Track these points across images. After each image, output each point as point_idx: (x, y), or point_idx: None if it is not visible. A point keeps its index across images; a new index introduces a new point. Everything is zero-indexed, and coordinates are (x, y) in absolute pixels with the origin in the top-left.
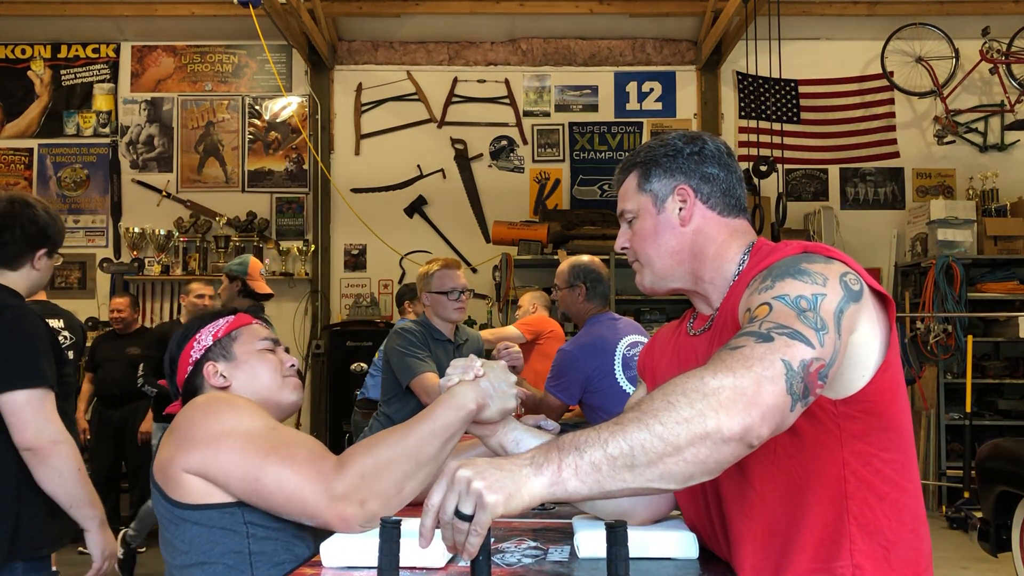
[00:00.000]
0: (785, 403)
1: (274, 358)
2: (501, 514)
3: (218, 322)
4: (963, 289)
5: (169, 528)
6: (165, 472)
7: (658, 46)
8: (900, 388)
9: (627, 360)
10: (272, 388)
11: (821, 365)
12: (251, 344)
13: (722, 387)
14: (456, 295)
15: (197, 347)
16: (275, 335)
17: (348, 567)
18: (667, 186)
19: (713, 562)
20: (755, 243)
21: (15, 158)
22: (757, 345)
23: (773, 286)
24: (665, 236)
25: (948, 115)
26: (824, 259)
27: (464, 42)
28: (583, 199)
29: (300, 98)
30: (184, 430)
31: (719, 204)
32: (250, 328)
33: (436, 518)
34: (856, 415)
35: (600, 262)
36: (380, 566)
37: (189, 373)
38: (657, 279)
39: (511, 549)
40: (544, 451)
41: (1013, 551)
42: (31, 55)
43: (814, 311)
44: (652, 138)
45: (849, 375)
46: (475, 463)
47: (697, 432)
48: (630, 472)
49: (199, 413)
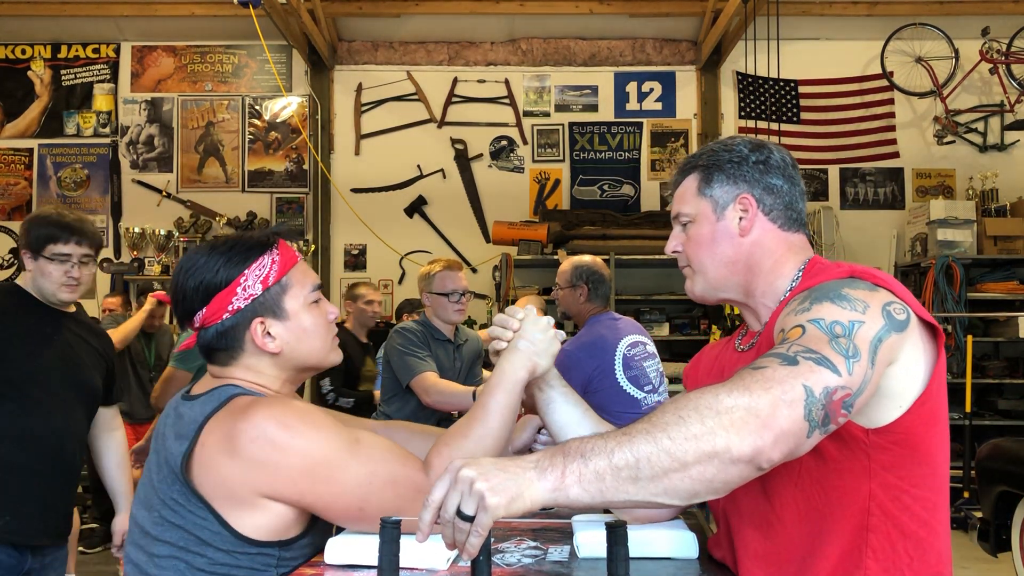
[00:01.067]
0: (801, 429)
1: (323, 312)
2: (503, 516)
3: (263, 260)
4: (963, 289)
5: (176, 529)
6: (228, 490)
7: (658, 46)
8: (939, 423)
9: (627, 360)
10: (322, 352)
11: (847, 394)
12: (302, 295)
13: (736, 406)
14: (457, 297)
15: (242, 293)
16: (313, 272)
17: (350, 565)
18: (729, 193)
19: (713, 562)
20: (810, 260)
21: (15, 158)
22: (780, 367)
23: (810, 308)
24: (722, 245)
25: (948, 115)
26: (869, 286)
27: (464, 42)
28: (583, 199)
29: (300, 98)
30: (258, 450)
31: (780, 217)
32: (300, 270)
33: (436, 514)
34: (888, 446)
35: (602, 262)
36: (380, 566)
37: (225, 323)
38: (709, 288)
39: (511, 549)
40: (550, 455)
41: (1013, 551)
42: (31, 55)
43: (848, 338)
44: (715, 141)
45: (885, 405)
46: (480, 463)
47: (705, 450)
48: (634, 484)
49: (276, 431)
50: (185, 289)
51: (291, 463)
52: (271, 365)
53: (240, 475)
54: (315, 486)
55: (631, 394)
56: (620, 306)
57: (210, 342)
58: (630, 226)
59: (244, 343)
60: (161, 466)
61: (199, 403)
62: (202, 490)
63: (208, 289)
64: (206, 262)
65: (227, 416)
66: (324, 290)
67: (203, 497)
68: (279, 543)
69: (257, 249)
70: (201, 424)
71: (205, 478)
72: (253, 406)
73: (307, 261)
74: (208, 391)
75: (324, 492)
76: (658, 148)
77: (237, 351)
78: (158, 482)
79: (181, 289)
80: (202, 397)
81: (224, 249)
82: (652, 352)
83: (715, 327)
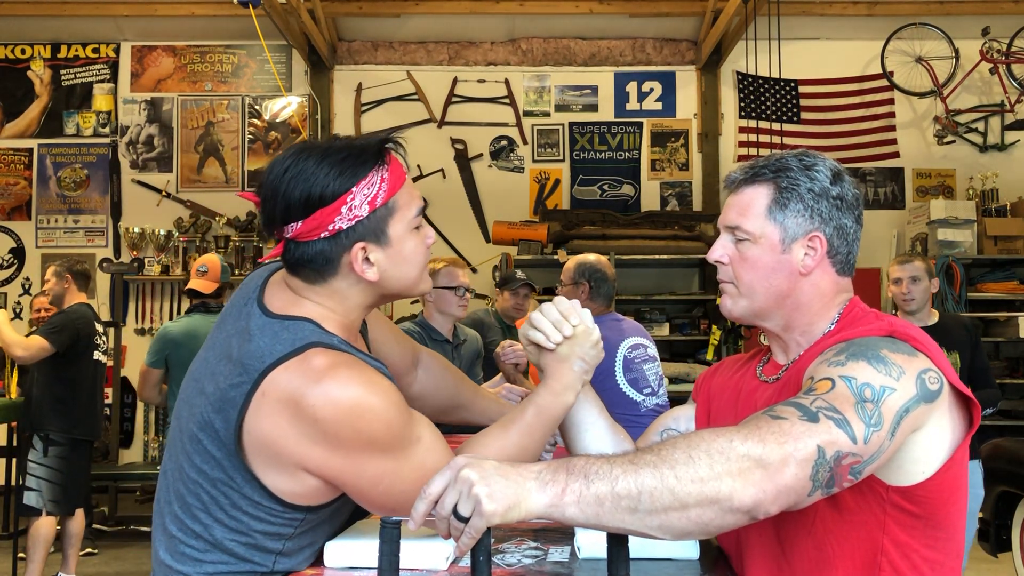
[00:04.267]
0: (804, 488)
1: (423, 238)
2: (497, 524)
3: (372, 177)
4: (963, 289)
5: (209, 489)
6: (272, 452)
7: (658, 46)
8: (961, 488)
9: (628, 362)
10: (417, 281)
11: (856, 461)
12: (407, 217)
13: (748, 455)
14: (462, 292)
15: (347, 213)
16: (417, 191)
17: (350, 567)
18: (802, 227)
19: (713, 562)
20: (849, 303)
21: (15, 158)
22: (799, 423)
23: (845, 364)
24: (779, 277)
25: (948, 115)
26: (909, 350)
27: (464, 42)
28: (583, 199)
29: (300, 98)
30: (322, 429)
31: (841, 262)
32: (407, 190)
33: (431, 507)
34: (906, 506)
35: (607, 262)
36: (380, 567)
37: (322, 242)
38: (750, 314)
39: (511, 549)
40: (553, 469)
41: (1013, 551)
42: (31, 55)
43: (875, 404)
44: (792, 155)
45: (908, 468)
46: (483, 465)
47: (708, 495)
48: (631, 515)
49: (347, 415)
50: (288, 196)
51: (349, 451)
52: (361, 292)
53: (293, 445)
54: (360, 480)
55: (630, 396)
56: (620, 306)
57: (300, 258)
58: (630, 226)
59: (339, 266)
60: (217, 373)
61: (270, 332)
62: (246, 437)
63: (311, 201)
64: (316, 169)
65: (299, 372)
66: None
67: (243, 445)
68: (307, 508)
69: (370, 162)
70: (267, 368)
71: (253, 426)
72: (330, 374)
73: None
74: (283, 317)
75: (366, 487)
76: (658, 148)
77: (329, 273)
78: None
79: (283, 196)
80: (275, 325)
81: (337, 158)
82: (653, 355)
83: (715, 327)
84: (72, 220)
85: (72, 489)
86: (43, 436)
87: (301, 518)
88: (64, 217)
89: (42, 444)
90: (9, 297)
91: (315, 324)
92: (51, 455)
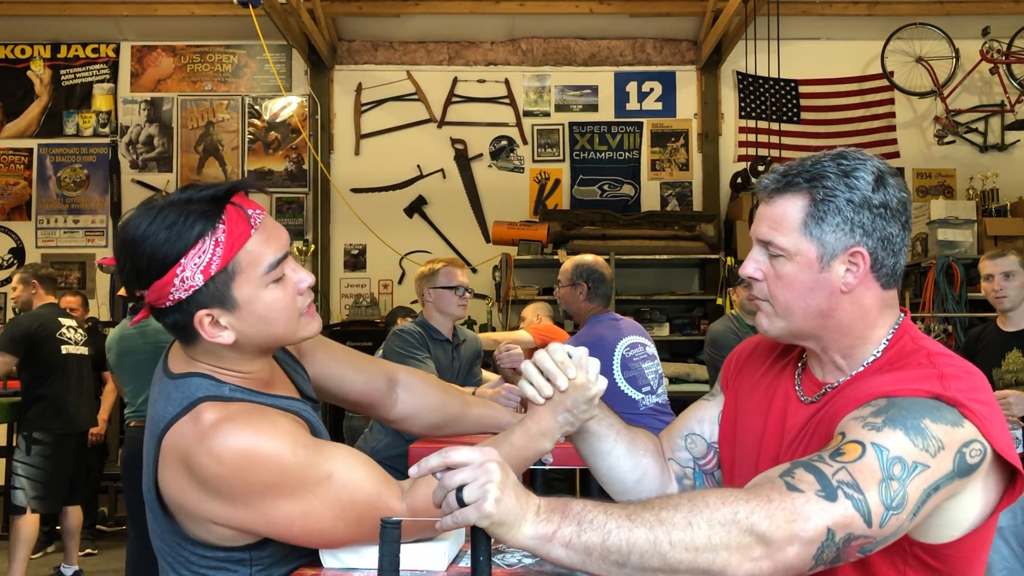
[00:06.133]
0: (805, 565)
1: (287, 288)
2: (484, 528)
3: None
4: (963, 289)
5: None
6: (185, 509)
7: (658, 46)
8: (984, 548)
9: (626, 361)
10: (287, 333)
11: (867, 542)
12: (254, 277)
13: (752, 529)
14: (462, 291)
15: (180, 284)
16: (280, 235)
17: (348, 568)
18: (841, 243)
19: None
20: (899, 328)
21: (15, 158)
22: (814, 499)
23: (881, 430)
24: (818, 296)
25: (948, 115)
26: (955, 417)
27: (464, 42)
28: (583, 199)
29: (300, 98)
30: (215, 486)
31: (887, 275)
32: (256, 243)
33: (443, 468)
34: (929, 561)
35: (604, 262)
36: (380, 567)
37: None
38: (788, 334)
39: (511, 549)
40: (551, 508)
41: None
42: (31, 55)
43: (901, 483)
44: (829, 158)
45: (935, 531)
46: (508, 472)
47: (701, 566)
48: (619, 569)
49: (234, 468)
50: (130, 264)
51: (248, 502)
52: (231, 351)
53: (195, 502)
54: (271, 526)
55: (629, 395)
56: (620, 306)
57: (161, 322)
58: (630, 226)
59: (195, 331)
60: (147, 435)
61: (165, 394)
62: (165, 499)
63: (147, 272)
64: (144, 238)
65: (187, 431)
66: (324, 290)
67: (165, 505)
68: (246, 546)
69: (198, 226)
70: (163, 430)
71: (163, 487)
72: (214, 430)
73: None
74: (177, 376)
75: (281, 531)
76: (658, 148)
77: (190, 337)
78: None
79: (126, 264)
80: (169, 387)
81: (164, 224)
82: (652, 354)
83: None
84: (72, 220)
85: (56, 485)
86: (26, 435)
87: (248, 556)
88: (64, 217)
89: (25, 443)
90: (9, 297)
91: (205, 377)
92: (34, 453)
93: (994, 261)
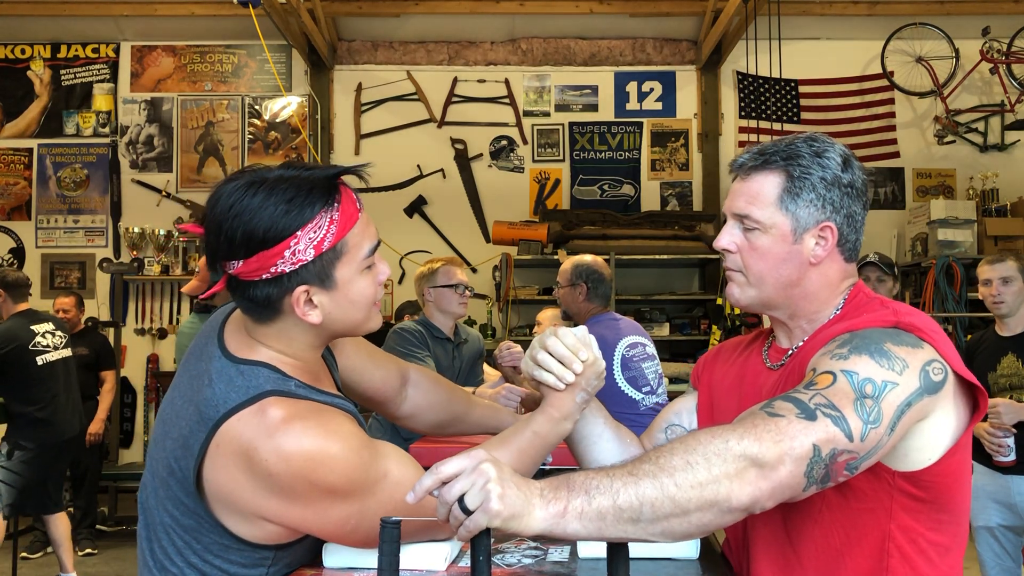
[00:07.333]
0: (799, 484)
1: (374, 277)
2: (496, 527)
3: (319, 220)
4: (963, 289)
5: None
6: (230, 501)
7: (658, 46)
8: (965, 472)
9: (626, 361)
10: (362, 322)
11: (852, 458)
12: (356, 259)
13: (744, 455)
14: (462, 289)
15: (290, 257)
16: (373, 224)
17: (348, 568)
18: (813, 217)
19: (713, 562)
20: (853, 288)
21: (15, 158)
22: (796, 421)
23: (848, 357)
24: (789, 267)
25: (948, 115)
26: (913, 341)
27: (464, 42)
28: (583, 199)
29: (300, 98)
30: (276, 484)
31: (849, 249)
32: (360, 228)
33: (439, 486)
34: (913, 491)
35: (603, 262)
36: (380, 567)
37: (264, 281)
38: (759, 303)
39: (511, 549)
40: (554, 487)
41: None
42: (31, 55)
43: (875, 400)
44: (802, 139)
45: (913, 456)
46: (502, 467)
47: (708, 499)
48: (633, 525)
49: (300, 469)
50: (230, 234)
51: (308, 502)
52: (306, 333)
53: (250, 496)
54: (325, 525)
55: (629, 395)
56: (620, 306)
57: (243, 296)
58: (630, 226)
59: (282, 308)
60: (180, 417)
61: (226, 377)
62: (206, 485)
63: (252, 242)
64: (260, 208)
65: (252, 424)
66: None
67: (204, 493)
68: (277, 546)
69: (319, 202)
70: (222, 418)
71: (211, 475)
72: (283, 428)
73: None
74: (240, 361)
75: (333, 531)
76: (658, 148)
77: (272, 313)
78: (175, 431)
79: (226, 234)
80: (232, 370)
81: (283, 197)
82: (651, 353)
83: (715, 327)
84: (72, 220)
85: (30, 493)
86: (12, 442)
87: (272, 555)
88: (64, 217)
89: (7, 448)
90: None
91: (272, 369)
92: (15, 459)
93: (992, 266)
